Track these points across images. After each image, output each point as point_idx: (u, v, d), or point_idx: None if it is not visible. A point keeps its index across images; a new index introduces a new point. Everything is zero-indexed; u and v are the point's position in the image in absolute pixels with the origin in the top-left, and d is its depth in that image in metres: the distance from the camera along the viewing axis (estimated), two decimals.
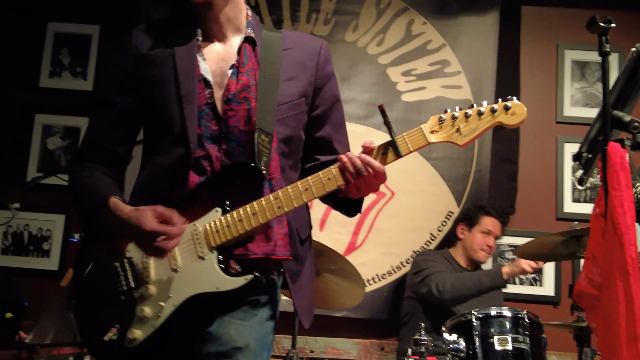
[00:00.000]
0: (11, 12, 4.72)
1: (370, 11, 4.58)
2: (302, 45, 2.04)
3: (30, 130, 4.61)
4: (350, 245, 4.35)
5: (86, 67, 4.69)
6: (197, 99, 1.89)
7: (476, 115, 1.85)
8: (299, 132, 2.00)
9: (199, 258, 1.85)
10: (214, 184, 1.88)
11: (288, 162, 1.96)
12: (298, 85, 1.97)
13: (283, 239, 1.91)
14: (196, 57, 1.93)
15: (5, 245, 4.49)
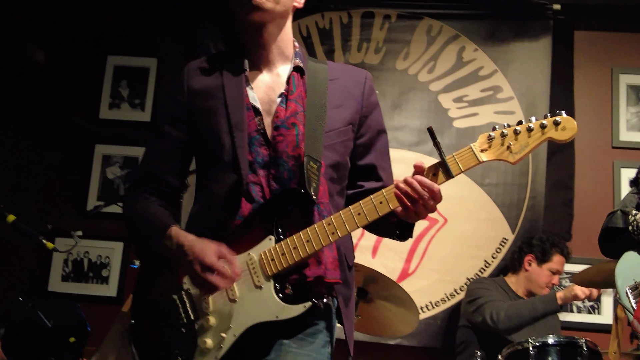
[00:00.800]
0: (72, 46, 4.90)
1: (421, 39, 4.61)
2: (347, 76, 2.09)
3: (91, 160, 4.75)
4: (403, 272, 4.34)
5: (144, 98, 4.83)
6: (247, 127, 1.95)
7: (525, 131, 1.82)
8: (346, 158, 2.03)
9: (256, 287, 1.87)
10: (265, 211, 1.91)
11: (335, 187, 1.99)
12: (345, 113, 2.02)
13: (333, 263, 1.93)
14: (244, 86, 2.00)
15: (65, 272, 4.62)
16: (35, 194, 4.70)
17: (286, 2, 2.01)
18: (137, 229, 2.02)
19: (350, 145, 2.03)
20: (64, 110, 4.86)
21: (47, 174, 4.77)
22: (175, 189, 2.07)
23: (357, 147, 2.06)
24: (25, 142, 4.80)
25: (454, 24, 4.60)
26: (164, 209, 2.01)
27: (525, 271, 4.00)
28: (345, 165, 2.03)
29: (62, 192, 4.72)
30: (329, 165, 1.96)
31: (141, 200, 2.02)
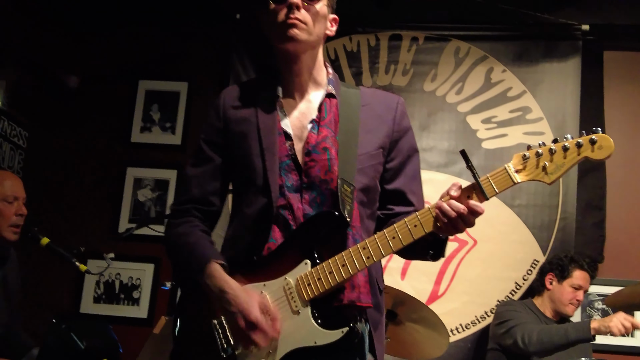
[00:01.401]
0: (104, 72, 5.00)
1: (448, 60, 4.62)
2: (379, 101, 2.12)
3: (123, 183, 4.83)
4: (432, 294, 4.31)
5: (175, 122, 4.89)
6: (278, 151, 1.98)
7: (561, 150, 1.79)
8: (376, 182, 2.05)
9: (294, 312, 1.88)
10: (301, 234, 1.92)
11: (366, 211, 2.00)
12: (376, 138, 2.04)
13: (365, 286, 1.94)
14: (277, 112, 2.04)
15: (97, 293, 4.68)
16: (68, 217, 4.77)
17: (319, 32, 2.05)
18: (177, 256, 2.05)
19: (380, 169, 2.05)
20: (97, 133, 4.95)
21: (80, 197, 4.85)
22: (217, 209, 2.11)
23: (387, 170, 2.07)
24: (59, 165, 4.89)
25: (482, 45, 4.61)
26: (205, 237, 2.03)
27: (547, 290, 3.97)
28: (375, 188, 2.05)
29: (94, 214, 4.80)
30: (360, 188, 1.98)
31: (183, 224, 2.05)
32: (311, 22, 2.01)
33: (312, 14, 2.01)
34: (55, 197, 4.82)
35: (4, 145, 4.27)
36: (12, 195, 3.20)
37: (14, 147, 4.38)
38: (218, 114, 2.11)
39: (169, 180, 4.80)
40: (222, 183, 2.10)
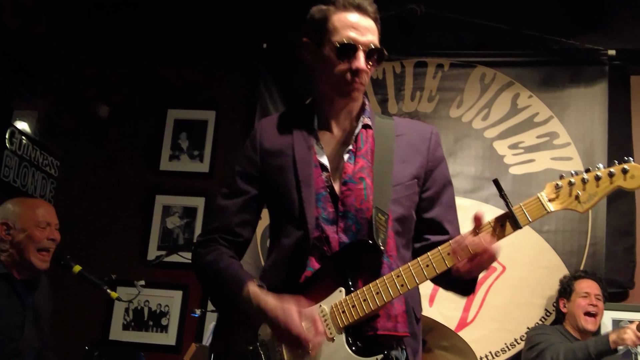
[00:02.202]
0: (134, 101, 5.09)
1: (474, 87, 4.64)
2: (414, 131, 2.13)
3: (151, 211, 4.89)
4: (461, 321, 4.28)
5: (203, 150, 4.96)
6: (314, 183, 1.99)
7: (593, 180, 1.81)
8: (411, 212, 2.05)
9: (328, 340, 1.88)
10: (335, 262, 1.93)
11: (402, 241, 2.01)
12: (411, 168, 2.05)
13: (402, 316, 1.94)
14: (313, 144, 2.05)
15: (126, 320, 4.71)
16: (97, 244, 4.83)
17: None
18: (210, 281, 2.06)
19: (415, 199, 2.06)
20: (126, 162, 5.03)
21: (110, 225, 4.91)
22: (243, 240, 2.12)
23: (423, 200, 2.08)
24: (90, 193, 4.96)
25: (507, 71, 4.62)
26: (236, 262, 2.05)
27: (566, 315, 4.01)
28: (411, 218, 2.06)
29: (124, 241, 4.85)
30: (395, 218, 1.99)
31: (212, 251, 2.06)
32: (367, 81, 2.05)
33: (370, 73, 2.04)
34: (85, 225, 4.88)
35: (36, 174, 4.35)
36: (45, 221, 3.25)
37: (46, 176, 4.47)
38: (254, 146, 2.12)
39: (197, 207, 4.84)
40: (252, 215, 2.12)
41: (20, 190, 4.15)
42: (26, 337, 3.17)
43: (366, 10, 2.02)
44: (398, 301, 1.93)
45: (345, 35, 1.99)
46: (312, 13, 2.08)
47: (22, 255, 3.17)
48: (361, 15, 2.02)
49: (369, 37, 2.00)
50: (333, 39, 2.00)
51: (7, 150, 4.04)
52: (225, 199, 2.12)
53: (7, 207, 3.26)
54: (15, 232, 3.17)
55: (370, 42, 2.00)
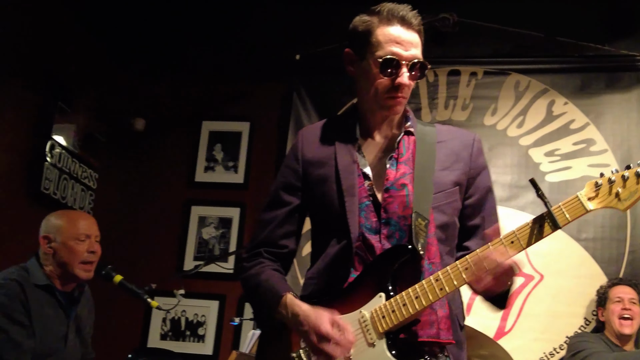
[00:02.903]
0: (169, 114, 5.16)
1: (508, 94, 4.61)
2: (456, 138, 2.12)
3: (187, 222, 4.94)
4: (499, 331, 4.24)
5: (237, 161, 5.00)
6: (357, 192, 2.00)
7: (634, 177, 1.79)
8: (454, 219, 2.05)
9: (369, 345, 1.89)
10: (376, 268, 1.94)
11: (445, 248, 2.00)
12: (453, 175, 2.05)
13: (446, 323, 1.94)
14: (355, 153, 2.06)
15: (164, 330, 4.76)
16: (135, 255, 4.89)
17: None
18: (252, 293, 2.09)
19: (458, 206, 2.06)
20: (162, 174, 5.09)
21: (147, 236, 4.98)
22: (288, 251, 2.14)
23: (466, 207, 2.07)
24: (127, 205, 5.04)
25: (542, 79, 4.59)
26: (277, 274, 2.07)
27: (605, 323, 3.98)
28: (454, 225, 2.05)
29: (161, 252, 4.91)
30: (438, 226, 1.99)
31: (255, 265, 2.10)
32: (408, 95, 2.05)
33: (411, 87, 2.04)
34: (122, 236, 4.95)
35: (76, 187, 4.43)
36: (84, 234, 3.29)
37: (85, 188, 4.54)
38: (296, 156, 2.14)
39: (232, 218, 4.88)
40: (296, 226, 2.14)
41: (61, 202, 4.23)
42: (69, 348, 3.22)
43: (410, 22, 2.02)
44: (441, 308, 1.93)
45: (388, 51, 1.98)
46: (356, 24, 2.08)
47: (65, 267, 3.23)
48: (405, 29, 2.01)
49: (412, 52, 1.99)
50: (377, 53, 2.00)
51: (48, 163, 4.12)
52: (268, 212, 2.15)
53: (50, 220, 3.32)
54: (56, 245, 3.23)
55: (414, 57, 1.99)
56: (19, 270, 3.17)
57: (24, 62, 3.93)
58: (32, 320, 3.05)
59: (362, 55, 2.05)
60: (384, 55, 1.98)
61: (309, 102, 4.84)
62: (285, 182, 2.15)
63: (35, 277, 3.16)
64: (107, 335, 4.69)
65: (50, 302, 3.17)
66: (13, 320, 2.99)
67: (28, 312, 3.04)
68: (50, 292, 3.19)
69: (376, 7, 2.06)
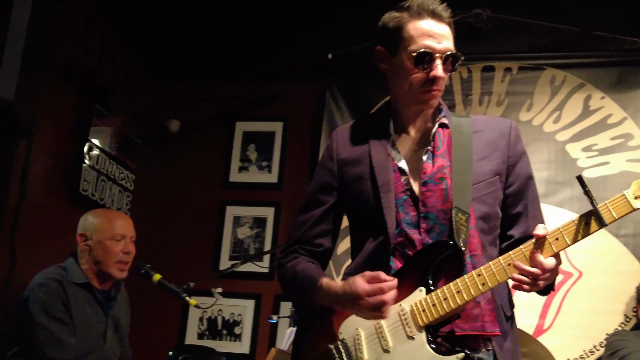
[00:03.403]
0: (203, 116, 5.21)
1: (544, 90, 4.56)
2: (492, 127, 2.11)
3: (222, 222, 4.97)
4: (537, 329, 4.19)
5: (271, 161, 5.02)
6: (393, 188, 2.00)
7: None
8: (496, 209, 2.04)
9: (408, 338, 1.89)
10: (416, 263, 1.94)
11: (487, 238, 1.99)
12: (491, 164, 2.03)
13: (490, 315, 1.93)
14: (390, 149, 2.06)
15: (201, 329, 4.80)
16: (171, 255, 4.94)
17: None
18: (289, 285, 2.12)
19: (499, 196, 2.04)
20: (197, 174, 5.14)
21: (183, 236, 5.02)
22: (324, 250, 2.17)
23: (507, 196, 2.06)
24: (163, 206, 5.09)
25: (578, 73, 4.52)
26: (312, 265, 2.10)
27: None
28: (496, 215, 2.04)
29: (196, 252, 4.95)
30: (479, 217, 1.98)
31: (290, 261, 2.13)
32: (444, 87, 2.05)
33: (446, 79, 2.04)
34: (159, 236, 5.01)
35: (113, 188, 4.49)
36: (120, 234, 3.34)
37: (122, 189, 4.61)
38: (331, 155, 2.16)
39: (266, 217, 4.90)
40: (331, 225, 2.16)
41: (99, 203, 4.29)
42: (108, 345, 3.28)
43: (441, 15, 2.02)
44: (484, 300, 1.92)
45: (421, 44, 1.99)
46: (385, 21, 2.09)
47: (100, 266, 3.28)
48: (436, 22, 2.01)
49: (445, 44, 2.00)
50: (409, 48, 2.00)
51: (86, 165, 4.18)
52: (304, 212, 2.18)
53: (87, 219, 3.39)
54: (92, 243, 3.29)
55: (447, 49, 2.00)
56: (57, 269, 3.24)
57: (63, 67, 4.00)
58: (72, 317, 3.11)
59: (394, 52, 2.05)
60: (417, 49, 1.98)
61: (341, 101, 4.84)
62: (320, 182, 2.17)
63: (74, 276, 3.22)
64: (145, 335, 4.75)
65: (89, 300, 3.23)
66: (55, 318, 3.06)
67: (69, 310, 3.11)
68: (88, 290, 3.25)
69: (404, 2, 2.07)
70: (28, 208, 3.68)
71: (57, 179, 4.05)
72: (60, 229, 3.92)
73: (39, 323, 3.02)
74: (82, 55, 4.22)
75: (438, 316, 1.87)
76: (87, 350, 3.16)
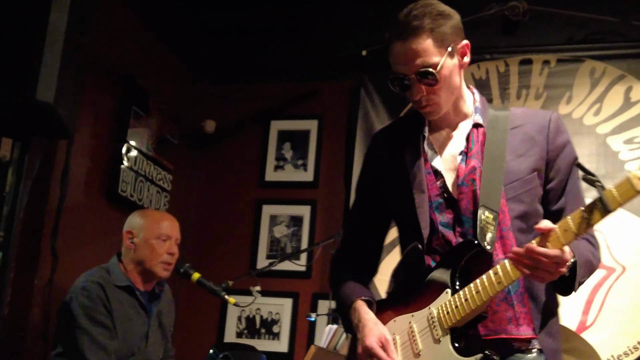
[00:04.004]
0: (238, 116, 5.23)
1: (584, 82, 4.47)
2: (530, 122, 2.05)
3: (259, 221, 4.99)
4: (580, 325, 4.11)
5: (306, 159, 5.02)
6: (428, 189, 2.00)
7: None
8: (535, 206, 1.99)
9: (435, 341, 1.90)
10: (444, 265, 1.94)
11: (527, 237, 1.93)
12: (528, 162, 1.99)
13: (525, 318, 1.90)
14: (424, 150, 2.06)
15: (239, 328, 4.82)
16: (208, 254, 4.98)
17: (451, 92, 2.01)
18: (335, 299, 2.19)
19: (538, 192, 2.00)
20: (233, 174, 5.17)
21: (220, 235, 5.05)
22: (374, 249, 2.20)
23: (548, 192, 2.01)
24: (200, 206, 5.14)
25: (618, 64, 4.42)
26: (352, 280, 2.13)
27: None
28: (535, 212, 1.99)
29: (233, 251, 4.98)
30: (515, 216, 1.95)
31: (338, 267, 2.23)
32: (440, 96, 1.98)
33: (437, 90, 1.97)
34: (196, 236, 5.05)
35: (151, 189, 4.53)
36: (166, 234, 3.38)
37: (160, 189, 4.65)
38: (370, 159, 2.21)
39: (302, 216, 4.90)
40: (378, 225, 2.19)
41: (137, 204, 4.33)
42: (150, 346, 3.30)
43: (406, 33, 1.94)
44: (519, 303, 1.90)
45: (394, 70, 1.99)
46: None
47: (144, 265, 3.31)
48: (402, 42, 1.95)
49: (416, 62, 1.93)
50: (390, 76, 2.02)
51: (124, 166, 4.23)
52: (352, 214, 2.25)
53: (134, 217, 3.43)
54: (138, 241, 3.32)
55: (418, 67, 1.94)
56: (100, 271, 3.27)
57: (101, 68, 4.05)
58: (114, 321, 3.13)
59: None
60: (391, 76, 2.00)
61: (376, 98, 4.81)
62: (363, 185, 2.22)
63: (116, 278, 3.25)
64: (185, 333, 4.80)
65: (130, 302, 3.26)
66: (96, 322, 3.08)
67: (110, 314, 3.13)
68: (130, 292, 3.27)
69: None
70: (68, 209, 3.73)
71: (96, 180, 4.10)
72: (99, 229, 3.97)
73: (81, 327, 3.05)
74: (120, 57, 4.27)
75: (460, 317, 1.86)
76: (128, 353, 3.19)
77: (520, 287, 1.94)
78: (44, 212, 3.65)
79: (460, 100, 2.08)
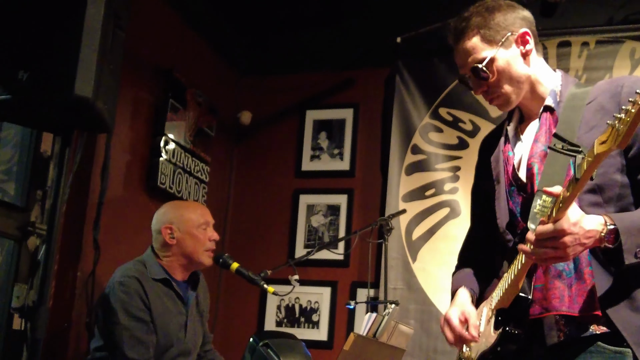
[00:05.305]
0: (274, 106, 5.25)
1: (624, 64, 4.37)
2: (604, 91, 1.98)
3: (296, 211, 5.01)
4: None
5: (342, 148, 5.02)
6: (504, 179, 2.08)
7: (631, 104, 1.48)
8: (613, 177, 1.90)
9: (487, 323, 2.04)
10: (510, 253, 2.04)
11: (608, 210, 1.87)
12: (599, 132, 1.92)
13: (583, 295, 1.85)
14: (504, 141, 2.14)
15: (279, 317, 4.85)
16: (247, 244, 5.02)
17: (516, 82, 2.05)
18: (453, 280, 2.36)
19: (614, 163, 1.89)
20: (270, 164, 5.19)
21: (258, 225, 5.09)
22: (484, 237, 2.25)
23: (631, 160, 1.91)
24: (238, 196, 5.18)
25: None
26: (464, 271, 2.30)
27: None
28: (613, 184, 1.89)
29: (272, 241, 5.00)
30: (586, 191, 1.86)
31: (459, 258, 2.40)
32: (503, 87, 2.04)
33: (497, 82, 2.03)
34: (235, 226, 5.09)
35: (190, 180, 4.58)
36: (205, 222, 3.42)
37: (198, 181, 4.69)
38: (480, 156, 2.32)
39: (339, 205, 4.91)
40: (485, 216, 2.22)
41: (176, 196, 4.38)
42: (189, 336, 3.34)
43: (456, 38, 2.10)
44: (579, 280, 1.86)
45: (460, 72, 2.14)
46: None
47: (190, 256, 3.34)
48: (456, 45, 2.11)
49: (468, 60, 2.06)
50: None
51: (162, 159, 4.28)
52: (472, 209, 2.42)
53: (167, 212, 3.44)
54: (179, 235, 3.34)
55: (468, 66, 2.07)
56: (136, 265, 3.29)
57: (138, 62, 4.09)
58: (152, 315, 3.15)
59: None
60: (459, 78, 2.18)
61: (412, 85, 4.78)
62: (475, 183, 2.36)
63: (153, 271, 3.28)
64: (225, 322, 4.85)
65: (168, 294, 3.28)
66: (135, 318, 3.10)
67: (148, 308, 3.15)
68: (167, 284, 3.30)
69: None
70: (109, 202, 3.79)
71: (136, 173, 4.15)
72: (140, 221, 4.02)
73: (120, 322, 3.07)
74: (157, 50, 4.31)
75: (499, 298, 1.98)
76: (168, 345, 3.22)
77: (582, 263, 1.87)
78: (86, 205, 3.71)
79: (537, 86, 2.07)
